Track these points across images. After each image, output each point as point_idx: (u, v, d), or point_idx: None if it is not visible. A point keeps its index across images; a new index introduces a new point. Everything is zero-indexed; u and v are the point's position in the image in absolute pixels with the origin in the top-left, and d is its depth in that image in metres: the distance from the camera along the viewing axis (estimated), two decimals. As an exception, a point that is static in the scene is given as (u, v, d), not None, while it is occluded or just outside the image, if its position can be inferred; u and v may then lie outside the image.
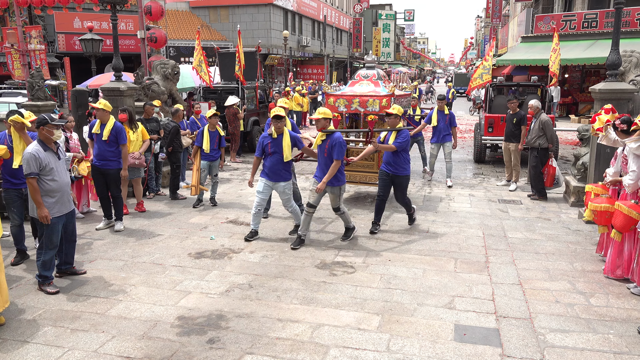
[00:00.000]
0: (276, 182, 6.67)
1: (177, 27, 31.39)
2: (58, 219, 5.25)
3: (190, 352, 4.17)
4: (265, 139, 6.64)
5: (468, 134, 18.29)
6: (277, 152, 6.55)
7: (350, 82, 8.94)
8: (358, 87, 8.63)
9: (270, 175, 6.65)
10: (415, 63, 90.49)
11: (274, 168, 6.61)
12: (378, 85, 8.54)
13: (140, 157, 8.06)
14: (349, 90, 8.65)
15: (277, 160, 6.58)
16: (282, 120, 6.52)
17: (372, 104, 8.10)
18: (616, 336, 4.38)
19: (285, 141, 6.58)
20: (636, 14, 20.28)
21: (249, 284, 5.50)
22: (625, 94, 7.75)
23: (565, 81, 24.33)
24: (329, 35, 47.89)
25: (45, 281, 5.26)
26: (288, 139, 6.62)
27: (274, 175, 6.64)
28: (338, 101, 8.38)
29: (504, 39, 35.01)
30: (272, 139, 6.57)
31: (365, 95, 8.20)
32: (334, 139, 6.35)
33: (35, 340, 4.35)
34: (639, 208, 5.07)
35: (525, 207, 8.60)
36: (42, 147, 5.14)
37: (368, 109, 8.13)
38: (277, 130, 6.54)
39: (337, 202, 6.60)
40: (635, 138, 5.19)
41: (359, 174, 8.59)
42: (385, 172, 7.08)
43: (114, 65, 9.65)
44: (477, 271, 5.82)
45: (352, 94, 8.36)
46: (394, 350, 4.17)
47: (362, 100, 8.18)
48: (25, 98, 14.97)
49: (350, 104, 8.28)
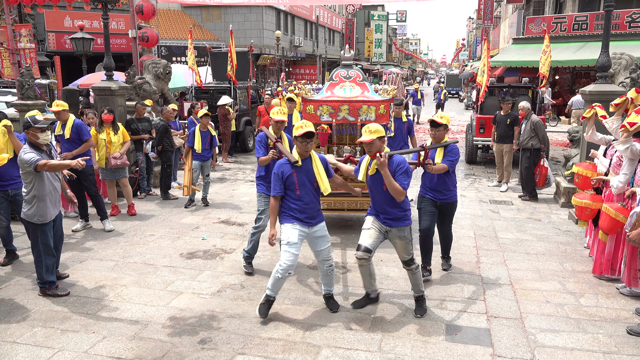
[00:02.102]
0: (315, 225, 4.67)
1: (169, 27, 31.25)
2: (50, 222, 5.16)
3: (182, 352, 4.15)
4: (284, 168, 4.58)
5: (460, 135, 18.38)
6: (309, 184, 4.61)
7: (328, 84, 6.94)
8: (340, 90, 6.82)
9: (305, 217, 4.61)
10: (408, 64, 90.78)
11: (309, 207, 4.61)
12: (366, 88, 6.84)
13: (121, 156, 7.96)
14: (329, 94, 6.79)
15: (313, 196, 4.64)
16: (313, 140, 4.57)
17: (367, 112, 6.55)
18: (605, 336, 4.42)
19: (316, 167, 4.62)
20: (626, 16, 20.49)
21: (241, 284, 5.49)
22: (615, 95, 7.81)
23: (556, 83, 24.52)
24: (322, 35, 47.92)
25: (52, 286, 5.18)
26: (319, 163, 4.64)
27: (311, 216, 4.64)
28: (320, 109, 6.60)
29: (495, 41, 35.22)
30: (297, 168, 4.57)
31: (357, 100, 6.58)
32: (398, 162, 4.46)
33: (25, 341, 4.31)
34: (625, 211, 5.10)
35: (516, 208, 8.66)
36: (34, 150, 5.00)
37: (361, 117, 6.56)
38: (304, 154, 4.60)
39: (410, 251, 4.66)
40: (623, 140, 5.24)
41: (346, 199, 6.87)
42: (430, 199, 5.52)
43: (105, 65, 9.60)
44: (469, 271, 5.85)
45: (338, 100, 6.62)
46: (386, 351, 4.18)
47: (352, 107, 6.54)
48: (15, 97, 14.84)
49: (336, 111, 6.56)
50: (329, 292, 4.93)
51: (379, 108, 6.52)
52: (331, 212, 7.01)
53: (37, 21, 24.70)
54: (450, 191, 5.50)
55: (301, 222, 4.59)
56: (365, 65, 59.68)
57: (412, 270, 4.69)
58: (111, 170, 7.94)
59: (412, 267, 4.67)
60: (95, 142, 7.72)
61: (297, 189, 4.56)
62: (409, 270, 4.71)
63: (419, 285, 4.78)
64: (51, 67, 21.79)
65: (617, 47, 11.28)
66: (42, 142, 5.09)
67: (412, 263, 4.66)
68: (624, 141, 5.22)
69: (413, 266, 4.67)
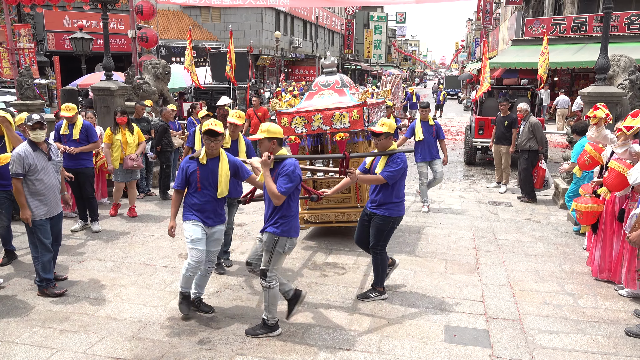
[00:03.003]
0: (213, 225, 4.67)
1: (168, 27, 31.26)
2: (46, 220, 5.15)
3: (181, 353, 4.15)
4: (189, 165, 4.57)
5: (459, 136, 18.40)
6: (209, 185, 4.57)
7: (307, 94, 6.79)
8: (318, 99, 6.60)
9: (204, 217, 4.61)
10: (407, 65, 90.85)
11: (208, 207, 4.61)
12: (343, 93, 6.59)
13: (137, 158, 7.91)
14: (306, 104, 6.56)
15: (210, 197, 4.60)
16: (217, 139, 4.49)
17: (340, 119, 6.17)
18: (604, 337, 4.43)
19: (222, 169, 4.58)
20: (625, 18, 20.54)
21: (240, 284, 5.49)
22: (614, 97, 7.85)
23: (555, 84, 24.55)
24: (321, 36, 47.99)
25: (48, 284, 5.18)
26: (226, 165, 4.62)
27: (211, 217, 4.64)
28: (294, 120, 6.26)
29: (494, 42, 35.26)
30: (202, 166, 4.55)
31: (329, 108, 6.24)
32: (284, 165, 4.22)
33: (24, 341, 4.31)
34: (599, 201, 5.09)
35: (515, 209, 8.67)
36: (31, 148, 5.04)
37: (335, 126, 6.19)
38: (210, 152, 4.54)
39: (267, 263, 4.29)
40: (621, 143, 5.27)
41: (333, 211, 6.66)
42: (367, 211, 5.12)
43: (104, 65, 9.60)
44: (467, 272, 5.85)
45: (311, 109, 6.30)
46: (385, 351, 4.19)
47: (325, 116, 6.19)
48: (14, 97, 14.83)
49: (310, 122, 6.24)
50: (200, 294, 4.85)
51: (352, 114, 6.14)
52: (319, 225, 6.89)
53: (36, 21, 24.69)
54: (388, 206, 4.93)
55: (201, 221, 4.60)
56: (365, 67, 59.76)
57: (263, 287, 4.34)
58: (125, 171, 7.90)
59: (263, 281, 4.31)
60: (111, 142, 7.79)
61: (199, 187, 4.55)
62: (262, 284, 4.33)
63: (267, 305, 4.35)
64: (50, 67, 21.76)
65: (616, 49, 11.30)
66: (34, 139, 5.05)
67: (264, 277, 4.28)
68: (622, 144, 5.25)
69: (265, 281, 4.29)
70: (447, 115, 27.67)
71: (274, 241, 4.23)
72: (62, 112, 7.12)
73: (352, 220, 6.57)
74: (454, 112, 29.63)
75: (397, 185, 4.93)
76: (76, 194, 7.24)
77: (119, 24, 25.84)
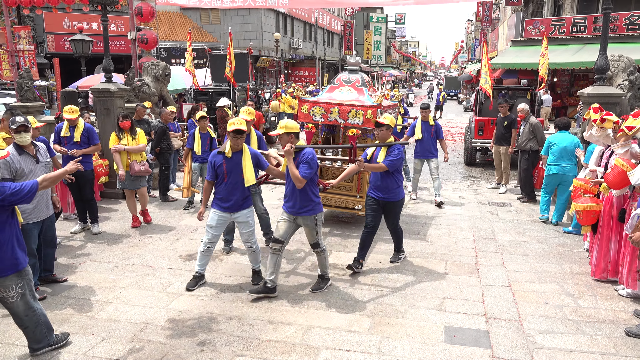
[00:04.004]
0: (235, 212, 5.30)
1: (168, 29, 31.27)
2: (34, 224, 5.06)
3: (181, 354, 4.15)
4: (216, 159, 5.21)
5: (459, 136, 18.41)
6: (234, 175, 5.19)
7: (329, 87, 7.45)
8: (338, 93, 7.21)
9: (226, 205, 5.25)
10: (407, 66, 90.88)
11: (232, 195, 5.22)
12: (362, 93, 7.12)
13: (144, 163, 7.58)
14: (326, 96, 7.20)
15: (236, 185, 5.20)
16: (242, 136, 5.12)
17: (355, 116, 6.77)
18: (604, 337, 4.43)
19: (245, 160, 5.19)
20: (624, 19, 20.54)
21: (240, 286, 5.49)
22: (613, 97, 7.84)
23: (555, 85, 24.55)
24: (321, 37, 48.00)
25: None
26: (249, 157, 5.21)
27: (232, 204, 5.25)
28: (313, 109, 7.01)
29: (494, 43, 35.27)
30: (227, 159, 5.17)
31: (347, 104, 6.87)
32: (304, 154, 4.97)
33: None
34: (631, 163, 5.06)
35: (515, 210, 8.67)
36: (17, 152, 4.89)
37: (349, 121, 6.81)
38: (235, 147, 5.16)
39: (315, 237, 5.18)
40: (622, 144, 5.27)
41: (334, 196, 7.29)
42: (373, 198, 5.82)
43: (104, 67, 9.60)
44: (467, 273, 5.85)
45: (330, 102, 6.96)
46: (385, 352, 4.19)
47: (342, 110, 6.84)
48: (14, 99, 14.85)
49: (328, 113, 6.91)
50: (256, 267, 5.58)
51: (367, 113, 6.73)
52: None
53: (36, 23, 24.70)
54: (392, 190, 5.72)
55: (222, 209, 5.27)
56: (364, 68, 59.80)
57: (317, 253, 5.32)
58: (132, 178, 7.47)
59: (317, 250, 5.28)
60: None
61: (225, 178, 5.19)
62: (315, 252, 5.33)
63: (323, 266, 5.37)
64: (50, 69, 21.80)
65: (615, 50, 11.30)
66: (20, 142, 4.89)
67: (317, 247, 5.24)
68: (623, 144, 5.25)
69: (318, 249, 5.27)
70: (446, 116, 27.69)
71: (314, 219, 5.11)
72: (64, 114, 7.11)
73: (350, 207, 7.26)
74: (454, 113, 29.65)
75: (396, 172, 5.69)
76: (76, 196, 7.24)
77: (118, 25, 25.85)
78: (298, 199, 5.03)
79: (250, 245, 5.42)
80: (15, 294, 3.91)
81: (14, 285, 3.89)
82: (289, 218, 5.13)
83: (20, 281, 3.93)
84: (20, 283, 3.93)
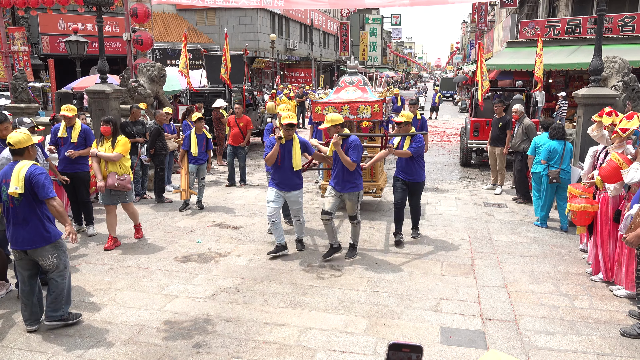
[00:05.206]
0: (288, 191, 6.28)
1: (163, 30, 31.21)
2: None
3: (177, 356, 4.14)
4: (274, 142, 6.18)
5: (454, 137, 18.43)
6: (287, 160, 6.16)
7: (335, 89, 8.53)
8: (344, 93, 8.24)
9: (281, 185, 6.27)
10: (402, 67, 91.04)
11: (284, 177, 6.24)
12: (366, 91, 8.20)
13: (124, 178, 6.55)
14: (335, 97, 8.22)
15: (288, 169, 6.19)
16: (294, 128, 6.16)
17: (364, 111, 7.88)
18: (599, 338, 4.44)
19: (295, 148, 6.16)
20: (618, 20, 20.64)
21: (236, 287, 5.48)
22: (608, 99, 7.87)
23: (549, 86, 24.64)
24: (316, 38, 48.00)
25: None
26: (298, 145, 6.18)
27: (285, 185, 6.26)
28: (326, 109, 7.95)
29: (489, 44, 35.38)
30: (281, 145, 6.13)
31: (355, 101, 7.93)
32: (351, 141, 6.03)
33: (18, 345, 4.28)
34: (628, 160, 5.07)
35: (511, 211, 8.69)
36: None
37: (359, 115, 7.90)
38: (288, 136, 6.14)
39: (355, 210, 6.22)
40: (617, 145, 5.29)
41: None
42: (401, 179, 6.86)
43: (99, 68, 9.58)
44: (463, 274, 5.86)
45: (340, 101, 7.99)
46: (381, 354, 4.18)
47: (352, 107, 7.90)
48: (8, 100, 14.77)
49: (339, 111, 7.83)
50: (299, 237, 6.67)
51: (374, 107, 7.87)
52: None
53: (30, 24, 24.62)
54: (417, 172, 6.80)
55: (278, 187, 6.29)
56: (360, 69, 59.83)
57: (354, 224, 6.29)
58: (110, 192, 6.57)
59: (354, 222, 6.27)
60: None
61: (279, 161, 6.15)
62: (352, 224, 6.30)
63: (355, 236, 6.38)
64: (45, 70, 21.70)
65: (610, 51, 11.34)
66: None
67: (354, 219, 6.25)
68: (618, 146, 5.27)
69: (355, 221, 6.26)
70: (442, 117, 27.74)
71: (357, 195, 6.15)
72: (62, 111, 7.06)
73: (366, 191, 8.04)
74: (449, 114, 29.69)
75: (419, 157, 6.81)
76: (71, 197, 7.21)
77: (113, 26, 25.78)
78: (346, 179, 6.05)
79: (299, 219, 6.53)
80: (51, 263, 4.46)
81: (49, 255, 4.44)
82: (337, 194, 6.14)
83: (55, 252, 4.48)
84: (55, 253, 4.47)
